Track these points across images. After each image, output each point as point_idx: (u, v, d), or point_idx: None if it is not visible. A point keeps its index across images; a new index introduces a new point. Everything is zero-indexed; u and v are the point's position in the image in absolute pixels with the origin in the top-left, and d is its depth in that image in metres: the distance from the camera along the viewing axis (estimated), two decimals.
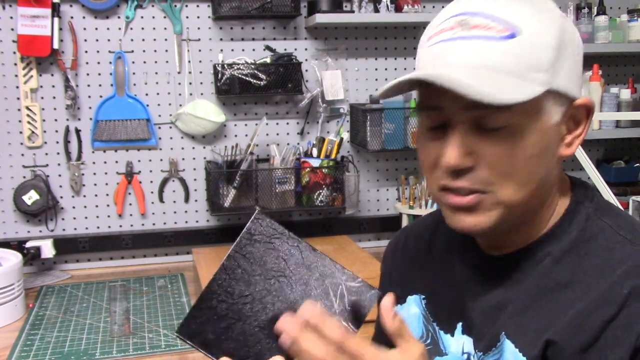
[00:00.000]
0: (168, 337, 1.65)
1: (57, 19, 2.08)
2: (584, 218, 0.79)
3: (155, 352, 1.57)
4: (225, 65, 2.19)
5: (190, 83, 2.26)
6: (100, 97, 2.19)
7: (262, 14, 2.20)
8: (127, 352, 1.57)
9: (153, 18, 2.21)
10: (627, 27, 2.40)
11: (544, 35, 0.72)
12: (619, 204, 1.53)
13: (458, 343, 0.86)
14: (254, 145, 2.21)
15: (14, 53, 2.11)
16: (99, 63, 2.18)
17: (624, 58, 2.59)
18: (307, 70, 2.32)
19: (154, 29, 2.21)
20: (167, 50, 2.23)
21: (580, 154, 1.61)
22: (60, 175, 2.20)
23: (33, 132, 2.16)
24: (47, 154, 2.18)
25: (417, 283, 0.95)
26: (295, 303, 0.75)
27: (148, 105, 2.23)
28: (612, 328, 0.70)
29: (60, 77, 2.16)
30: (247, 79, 2.19)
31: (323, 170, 2.22)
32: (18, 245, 2.10)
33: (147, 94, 2.23)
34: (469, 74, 0.70)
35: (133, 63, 2.21)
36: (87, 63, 2.17)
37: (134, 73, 2.21)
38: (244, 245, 0.76)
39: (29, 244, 2.10)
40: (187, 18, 2.23)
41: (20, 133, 2.15)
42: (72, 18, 2.14)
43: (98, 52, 2.18)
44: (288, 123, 2.36)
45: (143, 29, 2.21)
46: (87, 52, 2.17)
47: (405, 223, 2.26)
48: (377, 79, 2.40)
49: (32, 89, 2.14)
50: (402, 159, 2.46)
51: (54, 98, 2.17)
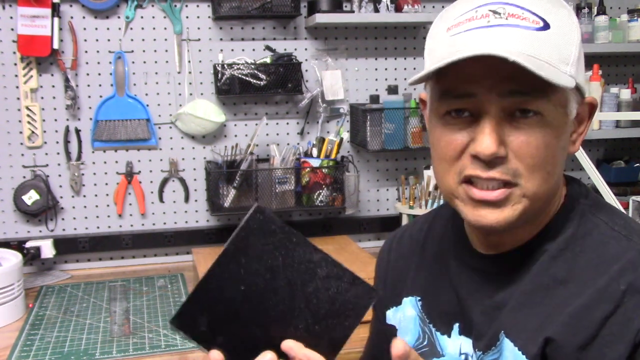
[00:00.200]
0: (168, 337, 1.65)
1: (57, 19, 2.08)
2: (579, 215, 0.80)
3: (155, 352, 1.57)
4: (225, 65, 2.19)
5: (190, 83, 2.26)
6: (100, 97, 2.20)
7: (262, 14, 2.20)
8: (127, 352, 1.57)
9: (153, 18, 2.21)
10: (627, 27, 2.40)
11: (570, 31, 0.74)
12: (619, 204, 1.53)
13: (455, 344, 0.86)
14: (254, 145, 2.21)
15: (14, 53, 2.11)
16: (99, 63, 2.18)
17: (624, 58, 2.59)
18: (307, 70, 2.32)
19: (154, 29, 2.21)
20: (167, 50, 2.23)
21: (580, 154, 1.61)
22: (60, 175, 2.20)
23: (33, 132, 2.16)
24: (47, 154, 2.18)
25: (412, 285, 0.95)
26: (291, 300, 0.74)
27: (148, 105, 2.23)
28: (610, 325, 0.70)
29: (60, 77, 2.16)
30: (247, 79, 2.19)
31: (323, 170, 2.22)
32: (18, 245, 2.10)
33: (147, 94, 2.23)
34: (523, 59, 0.68)
35: (133, 63, 2.21)
36: (87, 63, 2.17)
37: (134, 73, 2.21)
38: (241, 239, 0.74)
39: (29, 244, 2.10)
40: (187, 18, 2.23)
41: (20, 133, 2.15)
42: (72, 18, 2.14)
43: (98, 52, 2.18)
44: (288, 123, 2.36)
45: (143, 29, 2.21)
46: (87, 52, 2.17)
47: (405, 223, 2.26)
48: (377, 79, 2.40)
49: (32, 89, 2.14)
50: (402, 159, 2.46)
51: (54, 98, 2.17)
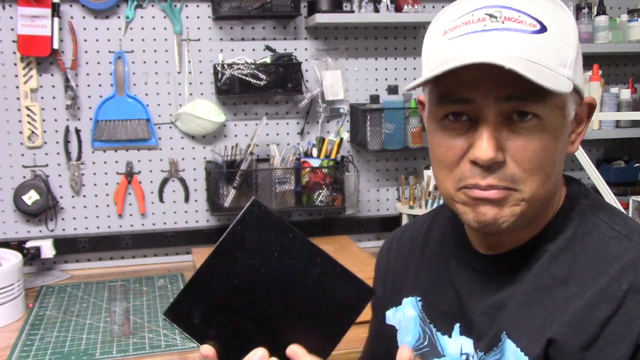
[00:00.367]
0: (168, 337, 1.65)
1: (57, 19, 2.08)
2: (579, 215, 0.80)
3: (155, 352, 1.57)
4: (225, 65, 2.19)
5: (190, 83, 2.26)
6: (100, 97, 2.19)
7: (262, 14, 2.20)
8: (127, 352, 1.57)
9: (153, 18, 2.21)
10: (627, 27, 2.40)
11: (567, 33, 0.74)
12: (619, 204, 1.53)
13: (456, 344, 0.86)
14: (254, 145, 2.21)
15: (14, 53, 2.11)
16: (99, 63, 2.18)
17: (624, 58, 2.59)
18: (307, 70, 2.32)
19: (154, 29, 2.21)
20: (167, 50, 2.23)
21: (580, 154, 1.61)
22: (60, 175, 2.20)
23: (33, 132, 2.16)
24: (47, 154, 2.18)
25: (412, 285, 0.95)
26: (285, 296, 0.73)
27: (148, 105, 2.23)
28: (612, 325, 0.70)
29: (60, 77, 2.16)
30: (247, 79, 2.19)
31: (323, 170, 2.22)
32: (18, 245, 2.10)
33: (147, 94, 2.23)
34: (518, 64, 0.68)
35: (133, 63, 2.21)
36: (87, 63, 2.17)
37: (134, 73, 2.21)
38: (236, 233, 0.73)
39: (29, 244, 2.10)
40: (187, 18, 2.23)
41: (20, 133, 2.15)
42: (72, 18, 2.14)
43: (98, 52, 2.18)
44: (288, 123, 2.36)
45: (143, 29, 2.21)
46: (87, 52, 2.17)
47: (405, 223, 2.26)
48: (377, 79, 2.40)
49: (32, 89, 2.14)
50: (402, 159, 2.46)
51: (54, 98, 2.17)
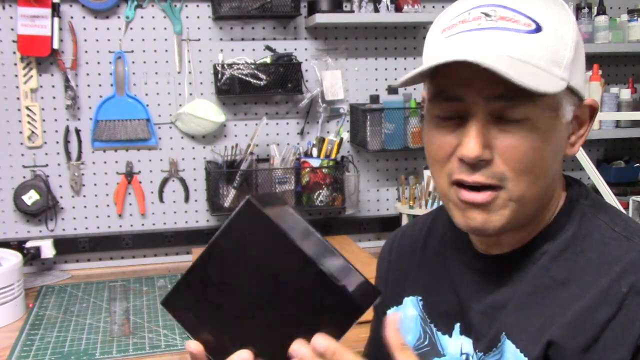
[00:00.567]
0: (168, 337, 1.65)
1: (57, 19, 2.08)
2: (579, 215, 0.80)
3: (155, 352, 1.57)
4: (225, 65, 2.19)
5: (190, 83, 2.26)
6: (100, 97, 2.19)
7: (262, 14, 2.20)
8: (127, 352, 1.57)
9: (153, 18, 2.20)
10: (627, 27, 2.40)
11: (564, 33, 0.73)
12: (619, 204, 1.53)
13: (456, 344, 0.86)
14: (254, 145, 2.21)
15: (14, 53, 2.11)
16: (99, 63, 2.18)
17: (624, 58, 2.59)
18: (307, 70, 2.32)
19: (154, 29, 2.21)
20: (167, 50, 2.23)
21: (580, 154, 1.61)
22: (60, 175, 2.20)
23: (33, 132, 2.16)
24: (47, 154, 2.18)
25: (413, 284, 0.95)
26: (278, 298, 0.70)
27: (148, 105, 2.23)
28: (612, 327, 0.70)
29: (60, 77, 2.16)
30: (247, 79, 2.19)
31: (323, 170, 2.22)
32: (18, 245, 2.10)
33: (147, 94, 2.23)
34: (503, 63, 0.68)
35: (133, 63, 2.21)
36: (87, 63, 2.17)
37: (134, 73, 2.21)
38: (229, 231, 0.71)
39: (29, 244, 2.10)
40: (187, 18, 2.23)
41: (20, 133, 2.15)
42: (72, 18, 2.14)
43: (98, 52, 2.18)
44: (288, 123, 2.36)
45: (143, 29, 2.21)
46: (87, 52, 2.17)
47: (405, 223, 2.26)
48: (377, 79, 2.40)
49: (32, 89, 2.14)
50: (402, 159, 2.46)
51: (54, 98, 2.17)
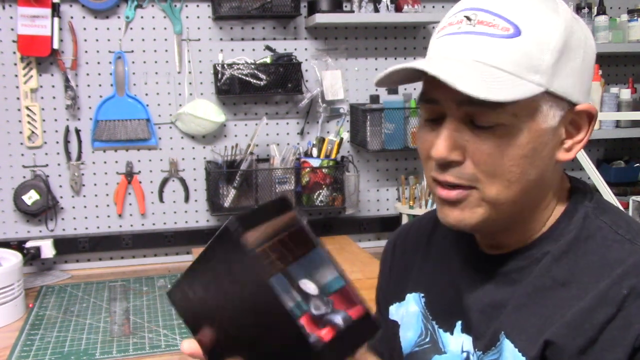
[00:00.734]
0: (168, 337, 1.65)
1: (57, 19, 2.08)
2: (582, 217, 0.79)
3: (155, 352, 1.57)
4: (225, 65, 2.19)
5: (190, 83, 2.26)
6: (100, 97, 2.19)
7: (262, 14, 2.20)
8: (127, 352, 1.57)
9: (153, 18, 2.20)
10: (627, 27, 2.40)
11: (546, 37, 0.72)
12: (619, 204, 1.54)
13: (457, 342, 0.86)
14: (254, 145, 2.21)
15: (14, 53, 2.11)
16: (99, 63, 2.18)
17: (624, 58, 2.59)
18: (307, 70, 2.32)
19: (154, 29, 2.21)
20: (167, 50, 2.23)
21: (581, 154, 1.61)
22: (60, 175, 2.20)
23: (33, 132, 2.16)
24: (47, 154, 2.18)
25: (416, 281, 0.95)
26: (255, 332, 0.67)
27: (148, 105, 2.23)
28: (610, 329, 0.70)
29: (60, 77, 2.16)
30: (247, 79, 2.19)
31: (323, 170, 2.22)
32: (18, 245, 2.10)
33: (147, 94, 2.23)
34: (465, 69, 0.71)
35: (133, 63, 2.21)
36: (87, 63, 2.17)
37: (134, 73, 2.21)
38: (208, 252, 0.67)
39: (29, 244, 2.10)
40: (187, 18, 2.23)
41: (20, 133, 2.15)
42: (72, 18, 2.14)
43: (98, 52, 2.18)
44: (288, 123, 2.36)
45: (143, 29, 2.21)
46: (87, 52, 2.17)
47: (406, 222, 2.26)
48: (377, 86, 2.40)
49: (32, 89, 2.14)
50: (402, 159, 2.46)
51: (54, 98, 2.17)
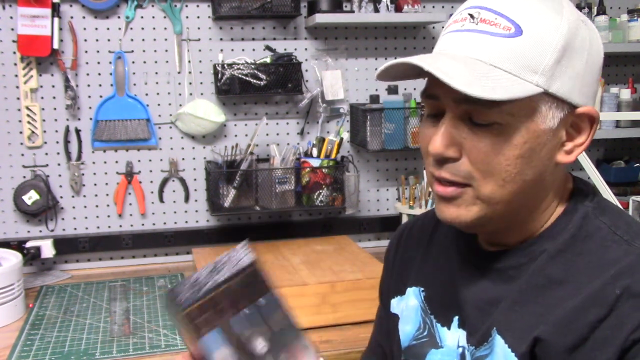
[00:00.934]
0: (168, 337, 1.65)
1: (57, 19, 2.08)
2: (582, 217, 0.79)
3: (155, 352, 1.57)
4: (225, 65, 2.19)
5: (190, 83, 2.26)
6: (100, 97, 2.19)
7: (262, 14, 2.20)
8: (127, 352, 1.57)
9: (153, 18, 2.21)
10: (627, 27, 2.40)
11: (547, 38, 0.72)
12: (619, 204, 1.53)
13: (454, 336, 0.87)
14: (254, 145, 2.21)
15: (14, 53, 2.11)
16: (99, 63, 2.18)
17: (624, 58, 2.59)
18: (307, 70, 2.32)
19: (154, 29, 2.21)
20: (167, 50, 2.23)
21: (581, 154, 1.61)
22: (60, 175, 2.20)
23: (33, 132, 2.16)
24: (47, 154, 2.18)
25: (417, 275, 0.96)
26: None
27: (148, 105, 2.23)
28: (602, 328, 0.70)
29: (60, 77, 2.16)
30: (247, 79, 2.19)
31: (323, 170, 2.21)
32: (18, 245, 2.10)
33: (147, 94, 2.23)
34: (462, 66, 0.71)
35: (133, 63, 2.21)
36: (87, 63, 2.17)
37: (134, 73, 2.21)
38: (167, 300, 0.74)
39: (29, 244, 2.10)
40: (187, 18, 2.23)
41: (20, 133, 2.15)
42: (72, 18, 2.14)
43: (98, 52, 2.18)
44: (288, 123, 2.36)
45: (143, 29, 2.21)
46: (87, 52, 2.17)
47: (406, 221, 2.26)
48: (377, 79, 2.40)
49: (32, 89, 2.14)
50: (402, 159, 2.46)
51: (54, 98, 2.17)
